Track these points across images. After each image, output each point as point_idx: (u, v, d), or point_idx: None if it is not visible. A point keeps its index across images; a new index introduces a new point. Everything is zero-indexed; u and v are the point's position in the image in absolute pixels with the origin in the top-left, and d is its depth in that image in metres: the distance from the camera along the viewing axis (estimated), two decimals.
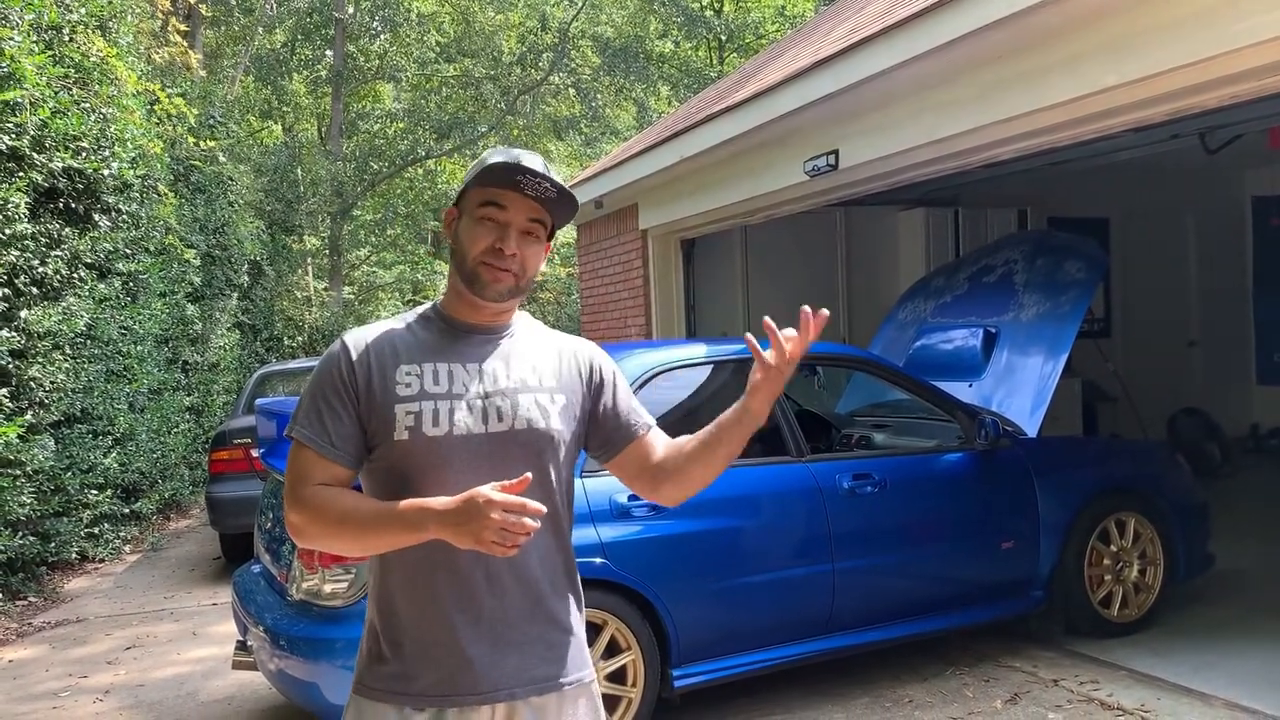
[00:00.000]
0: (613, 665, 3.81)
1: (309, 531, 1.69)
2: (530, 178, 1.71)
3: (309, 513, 1.68)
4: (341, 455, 1.71)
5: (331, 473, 1.71)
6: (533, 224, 1.77)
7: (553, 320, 23.23)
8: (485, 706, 1.72)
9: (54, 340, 6.68)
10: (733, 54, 25.05)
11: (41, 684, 5.18)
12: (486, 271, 1.75)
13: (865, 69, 5.25)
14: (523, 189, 1.73)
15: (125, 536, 8.64)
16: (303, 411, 1.74)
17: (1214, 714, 3.98)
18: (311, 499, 1.68)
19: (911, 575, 4.47)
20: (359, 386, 1.73)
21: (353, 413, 1.72)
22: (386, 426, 1.71)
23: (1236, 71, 3.75)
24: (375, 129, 23.76)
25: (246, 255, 12.73)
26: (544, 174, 1.72)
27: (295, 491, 1.70)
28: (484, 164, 1.74)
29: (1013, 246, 6.38)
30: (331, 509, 1.67)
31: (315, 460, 1.71)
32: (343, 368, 1.74)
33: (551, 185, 1.72)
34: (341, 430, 1.71)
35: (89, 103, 7.13)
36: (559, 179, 1.74)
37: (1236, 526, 6.54)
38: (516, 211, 1.75)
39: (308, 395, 1.76)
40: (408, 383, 1.73)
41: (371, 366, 1.74)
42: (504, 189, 1.74)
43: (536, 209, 1.76)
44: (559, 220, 1.82)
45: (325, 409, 1.72)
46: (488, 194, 1.75)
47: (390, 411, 1.71)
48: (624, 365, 4.20)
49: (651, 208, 8.93)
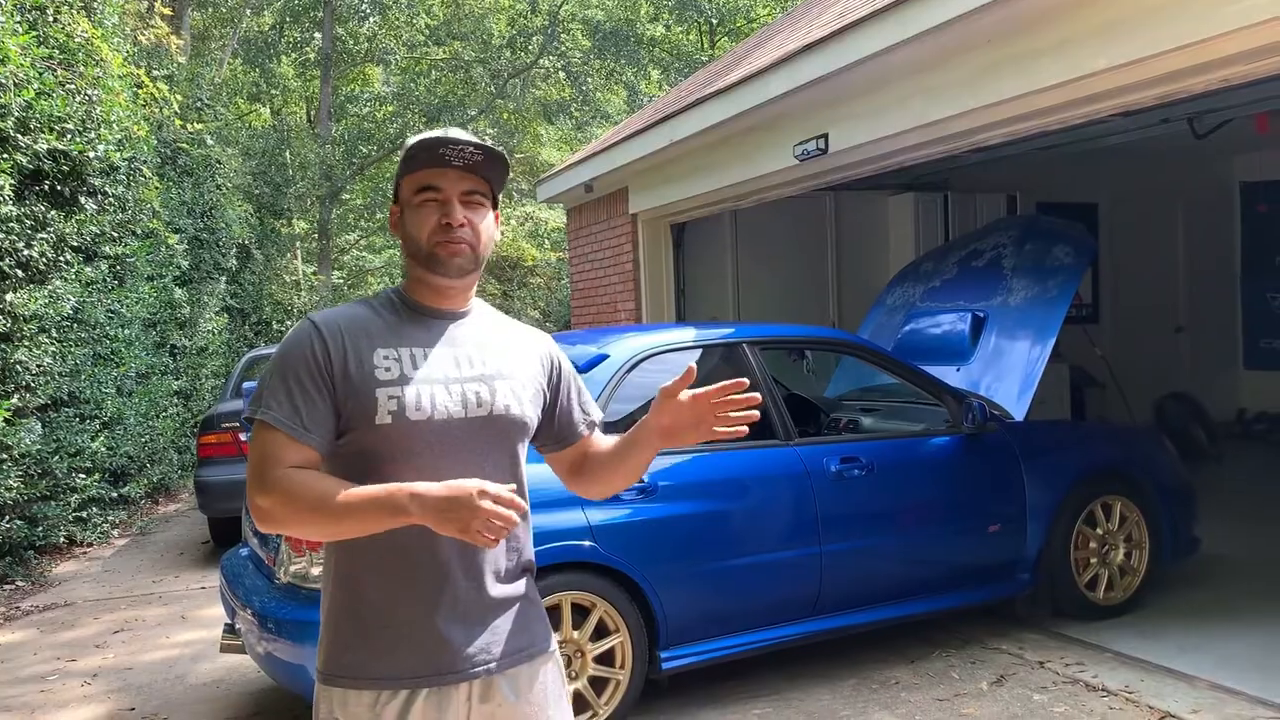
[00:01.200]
0: (601, 647, 3.82)
1: (277, 515, 1.64)
2: (452, 147, 1.72)
3: (278, 496, 1.63)
4: (314, 438, 1.67)
5: (302, 457, 1.67)
6: (471, 194, 1.77)
7: (544, 305, 23.17)
8: (462, 685, 1.73)
9: (40, 323, 6.65)
10: (724, 38, 24.97)
11: (29, 667, 5.17)
12: (442, 249, 1.75)
13: (854, 52, 5.24)
14: (449, 161, 1.73)
15: (113, 520, 8.62)
16: (268, 392, 1.69)
17: (1197, 695, 4.02)
18: (282, 482, 1.63)
19: (898, 558, 4.49)
20: (334, 368, 1.70)
21: (326, 395, 1.69)
22: (366, 410, 1.69)
23: (1226, 55, 3.75)
24: (364, 112, 23.65)
25: (235, 239, 12.67)
26: (464, 140, 1.72)
27: (263, 475, 1.65)
28: (406, 150, 1.75)
29: (1001, 231, 6.39)
30: (306, 493, 1.62)
31: (285, 443, 1.66)
32: (316, 348, 1.70)
33: (475, 148, 1.73)
34: (315, 413, 1.68)
35: (74, 84, 7.07)
36: (481, 140, 1.75)
37: (1222, 510, 6.58)
38: (451, 186, 1.75)
39: (275, 376, 1.70)
40: (387, 367, 1.72)
41: (347, 349, 1.72)
42: (432, 168, 1.75)
43: (470, 178, 1.77)
44: (496, 184, 1.82)
45: (297, 390, 1.68)
46: (418, 179, 1.76)
47: (371, 395, 1.69)
48: (613, 349, 4.21)
49: (641, 192, 8.91)
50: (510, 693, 1.76)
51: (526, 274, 24.46)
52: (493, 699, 1.75)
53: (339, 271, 24.33)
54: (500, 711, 1.75)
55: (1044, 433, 5.13)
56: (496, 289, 23.49)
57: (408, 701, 1.69)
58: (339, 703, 1.71)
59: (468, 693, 1.73)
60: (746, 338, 4.54)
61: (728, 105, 6.71)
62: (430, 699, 1.70)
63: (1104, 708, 3.95)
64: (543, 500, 3.61)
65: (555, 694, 1.85)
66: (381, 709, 1.69)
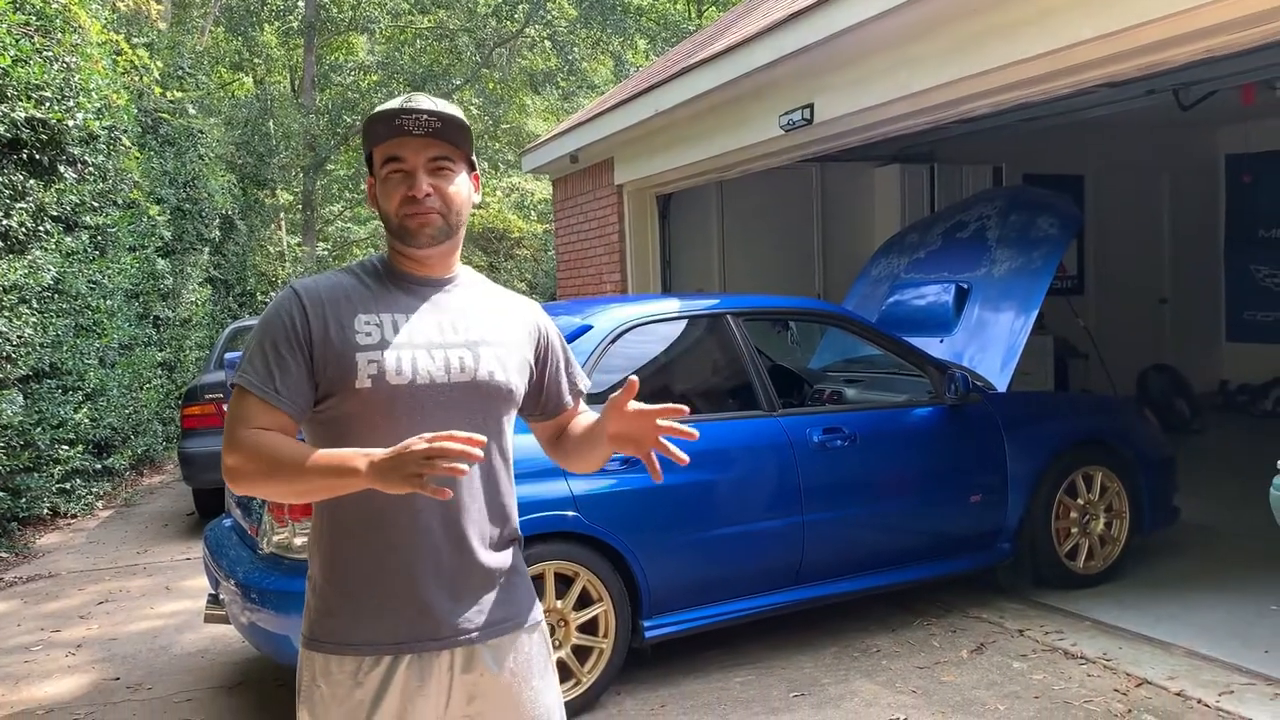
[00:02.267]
0: (584, 616, 3.84)
1: (243, 473, 1.64)
2: (408, 116, 1.70)
3: (243, 454, 1.63)
4: (286, 403, 1.67)
5: (275, 420, 1.67)
6: (436, 161, 1.75)
7: (530, 277, 23.10)
8: (445, 652, 1.73)
9: (20, 294, 6.59)
10: (711, 6, 24.78)
11: (13, 638, 5.17)
12: (410, 220, 1.74)
13: (840, 21, 5.21)
14: (409, 130, 1.71)
15: (97, 492, 8.60)
16: (248, 357, 1.70)
17: (1174, 662, 4.07)
18: (246, 440, 1.64)
19: (880, 528, 4.52)
20: (313, 334, 1.70)
21: (303, 361, 1.69)
22: (346, 375, 1.68)
23: (1211, 24, 3.74)
24: (348, 81, 23.39)
25: (218, 209, 12.55)
26: (421, 107, 1.71)
27: (232, 434, 1.66)
28: (366, 123, 1.74)
29: (986, 202, 6.39)
30: (265, 452, 1.63)
31: (258, 406, 1.67)
32: (295, 315, 1.71)
33: (430, 115, 1.71)
34: (288, 379, 1.68)
35: (51, 51, 6.98)
36: (440, 106, 1.73)
37: (1203, 481, 6.64)
38: (415, 155, 1.73)
39: (254, 342, 1.71)
40: (368, 332, 1.71)
41: (327, 315, 1.71)
42: (394, 139, 1.73)
43: (435, 144, 1.74)
44: (463, 146, 1.79)
45: (273, 356, 1.68)
46: (383, 151, 1.75)
47: (350, 360, 1.69)
48: (598, 320, 4.20)
49: (627, 162, 8.87)
50: (493, 663, 1.76)
51: (513, 246, 24.39)
52: (475, 669, 1.75)
53: (323, 243, 24.18)
54: (483, 681, 1.75)
55: (1026, 403, 5.15)
56: (483, 260, 23.42)
57: (390, 669, 1.69)
58: (321, 669, 1.71)
59: (450, 661, 1.73)
60: (731, 309, 4.54)
61: (713, 75, 6.67)
62: (412, 666, 1.70)
63: (1082, 675, 3.99)
64: (527, 470, 3.61)
65: (540, 665, 1.84)
66: (364, 676, 1.69)
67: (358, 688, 1.69)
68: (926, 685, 3.96)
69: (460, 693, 1.74)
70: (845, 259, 9.17)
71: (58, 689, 4.44)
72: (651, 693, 4.03)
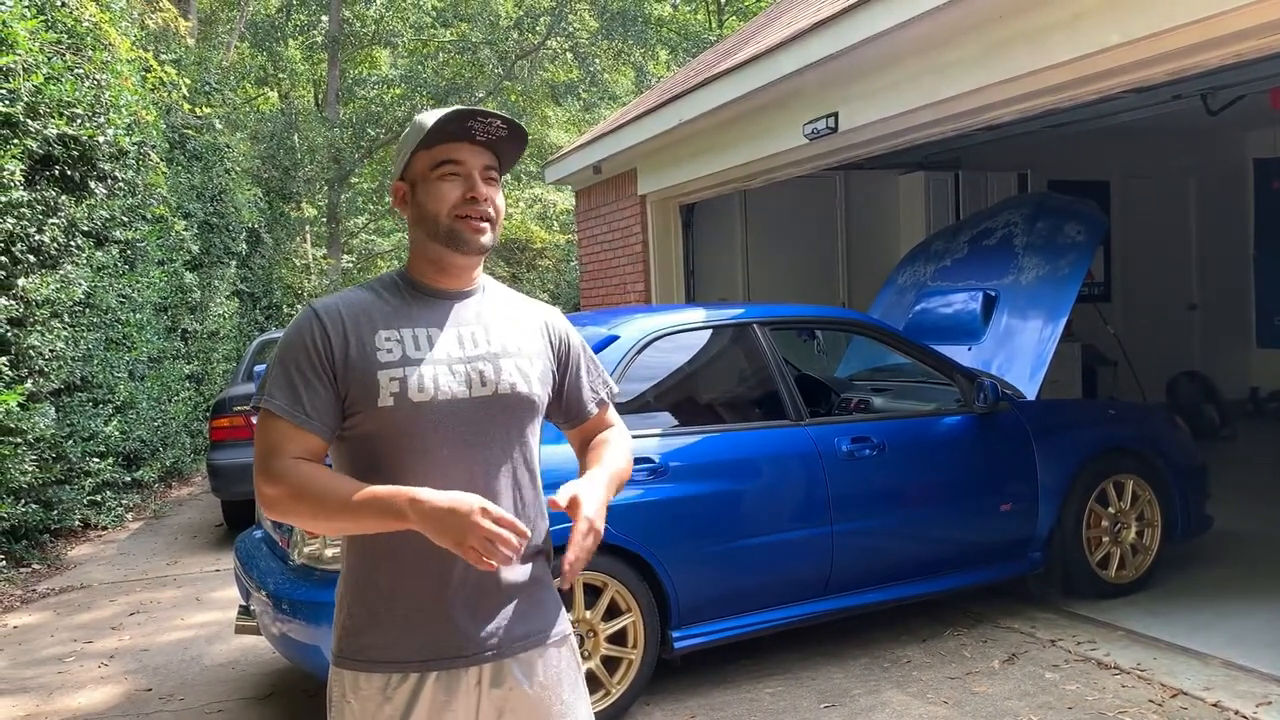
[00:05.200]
0: (613, 627, 3.83)
1: (281, 505, 1.64)
2: (481, 121, 1.71)
3: (284, 487, 1.63)
4: (316, 424, 1.67)
5: (306, 444, 1.67)
6: (490, 171, 1.77)
7: (553, 287, 23.16)
8: (473, 669, 1.72)
9: (52, 308, 6.67)
10: (732, 17, 24.82)
11: (46, 649, 5.22)
12: (464, 225, 1.74)
13: (865, 30, 5.20)
14: (474, 135, 1.72)
15: (127, 504, 8.68)
16: (272, 381, 1.69)
17: (1210, 673, 4.01)
18: (288, 473, 1.63)
19: (910, 537, 4.49)
20: (335, 354, 1.69)
21: (328, 382, 1.68)
22: (369, 393, 1.68)
23: (1240, 29, 3.71)
24: (372, 95, 23.57)
25: (244, 223, 12.68)
26: (494, 113, 1.71)
27: (269, 464, 1.65)
28: (424, 126, 1.72)
29: (1012, 209, 6.35)
30: (310, 487, 1.62)
31: (289, 431, 1.66)
32: (316, 336, 1.70)
33: (503, 122, 1.72)
34: (316, 400, 1.67)
35: (82, 69, 7.07)
36: (508, 115, 1.75)
37: (1235, 488, 6.55)
38: (473, 160, 1.75)
39: (277, 365, 1.70)
40: (389, 349, 1.71)
41: (348, 333, 1.71)
42: (454, 143, 1.73)
43: (488, 155, 1.76)
44: (508, 162, 1.81)
45: (299, 378, 1.67)
46: (437, 154, 1.74)
47: (373, 378, 1.68)
48: (623, 330, 4.20)
49: (650, 173, 8.88)
50: (523, 677, 1.75)
51: (535, 256, 24.46)
52: (504, 683, 1.74)
53: (348, 255, 24.34)
54: (512, 695, 1.74)
55: (1056, 411, 5.12)
56: (505, 271, 23.50)
57: (418, 685, 1.69)
58: (350, 685, 1.71)
59: (478, 676, 1.72)
60: (757, 318, 4.53)
61: (736, 85, 6.67)
62: (440, 682, 1.70)
63: (1116, 685, 3.95)
64: (557, 480, 3.63)
65: (570, 678, 1.83)
66: (392, 692, 1.69)
67: (386, 703, 1.69)
68: (958, 696, 3.93)
69: (489, 708, 1.73)
70: (870, 267, 9.14)
71: (91, 700, 4.48)
72: (680, 704, 4.02)
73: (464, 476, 1.70)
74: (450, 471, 1.70)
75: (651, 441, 3.96)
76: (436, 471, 1.69)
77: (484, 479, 1.73)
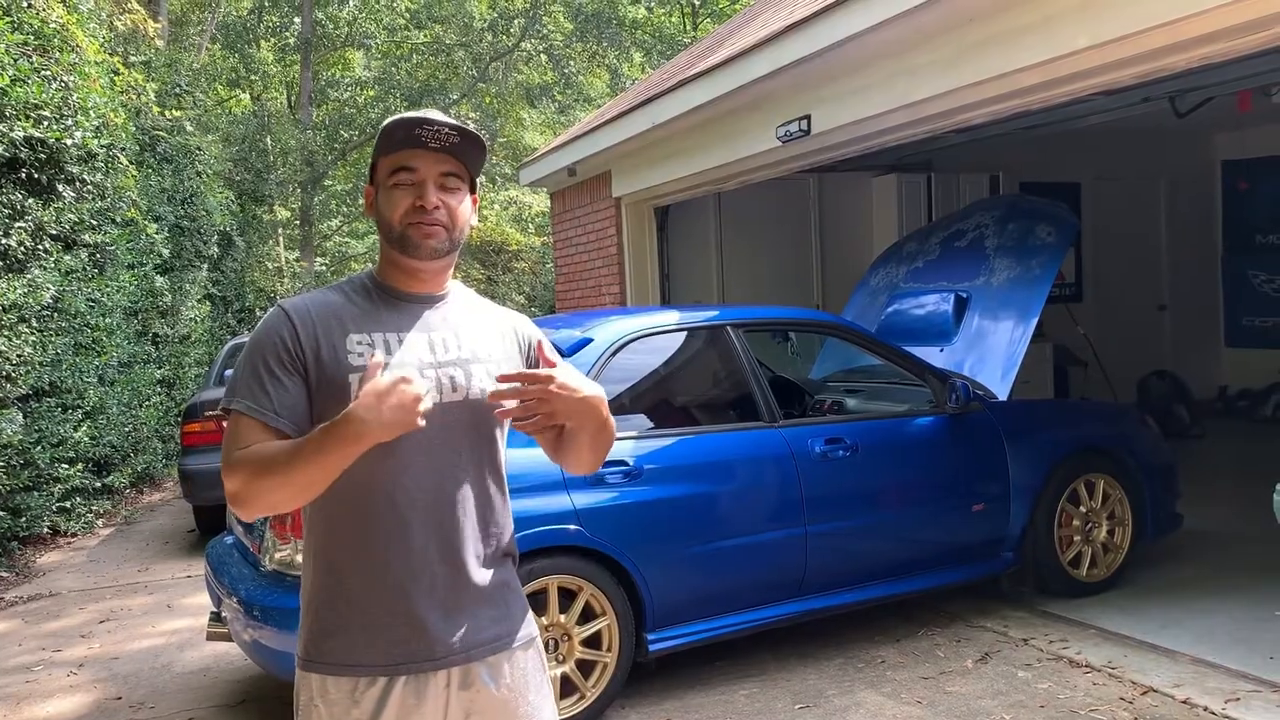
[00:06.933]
0: (588, 630, 3.83)
1: (244, 493, 1.61)
2: (429, 128, 1.70)
3: (241, 470, 1.60)
4: (285, 423, 1.65)
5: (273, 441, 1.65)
6: (447, 177, 1.75)
7: (529, 290, 23.10)
8: (441, 672, 1.72)
9: (19, 313, 6.58)
10: (706, 19, 24.86)
11: (14, 658, 5.15)
12: (414, 231, 1.73)
13: (837, 32, 5.21)
14: (426, 143, 1.71)
15: (97, 510, 8.58)
16: (241, 382, 1.68)
17: (1179, 669, 4.05)
18: (243, 458, 1.61)
19: (884, 538, 4.51)
20: (305, 353, 1.69)
21: (299, 382, 1.68)
22: (339, 396, 1.66)
23: (1207, 32, 3.75)
24: (345, 97, 23.48)
25: (216, 226, 12.56)
26: (442, 121, 1.70)
27: (229, 458, 1.63)
28: (382, 131, 1.73)
29: (984, 211, 6.39)
30: (261, 455, 1.60)
31: (255, 429, 1.64)
32: (286, 335, 1.69)
33: (451, 129, 1.71)
34: (285, 399, 1.67)
35: (49, 70, 6.99)
36: (460, 123, 1.73)
37: (1204, 487, 6.62)
38: (427, 168, 1.73)
39: (246, 364, 1.69)
40: (360, 352, 1.70)
41: (319, 334, 1.70)
42: (408, 149, 1.73)
43: (447, 161, 1.75)
44: (473, 167, 1.80)
45: (268, 377, 1.67)
46: (394, 160, 1.74)
47: (344, 382, 1.68)
48: (598, 333, 4.20)
49: (625, 175, 8.88)
50: (490, 679, 1.76)
51: (511, 259, 24.38)
52: (472, 686, 1.74)
53: (322, 258, 24.21)
54: (480, 698, 1.75)
55: (1027, 412, 5.16)
56: (481, 274, 23.41)
57: (386, 688, 1.69)
58: (318, 689, 1.71)
59: (446, 680, 1.72)
60: (730, 320, 4.54)
61: (710, 87, 6.68)
62: (409, 686, 1.70)
63: (1088, 684, 3.98)
64: (528, 485, 3.62)
65: (536, 681, 1.84)
66: (360, 695, 1.68)
67: (354, 707, 1.68)
68: (932, 695, 3.95)
69: (457, 709, 1.74)
70: (844, 269, 9.18)
71: (60, 708, 4.42)
72: (656, 706, 4.01)
73: (433, 480, 1.71)
74: (419, 475, 1.70)
75: (626, 444, 3.95)
76: (406, 475, 1.69)
77: (453, 483, 1.74)
